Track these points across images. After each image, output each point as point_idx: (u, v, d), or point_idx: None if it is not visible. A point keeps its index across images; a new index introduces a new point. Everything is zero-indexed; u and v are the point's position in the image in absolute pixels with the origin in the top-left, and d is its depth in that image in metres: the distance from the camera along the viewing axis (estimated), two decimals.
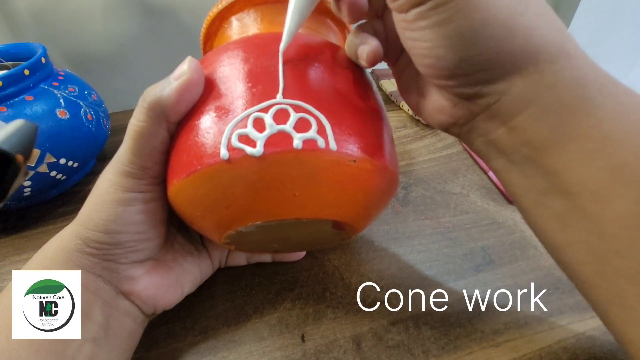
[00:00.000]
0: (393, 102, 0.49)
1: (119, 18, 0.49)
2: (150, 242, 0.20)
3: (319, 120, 0.16)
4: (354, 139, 0.16)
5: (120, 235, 0.18)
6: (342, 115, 0.17)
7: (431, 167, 0.37)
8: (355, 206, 0.18)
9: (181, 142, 0.17)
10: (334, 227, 0.19)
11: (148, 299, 0.20)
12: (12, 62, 0.34)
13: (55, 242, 0.19)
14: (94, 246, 0.18)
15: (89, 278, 0.18)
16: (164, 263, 0.22)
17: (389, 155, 0.18)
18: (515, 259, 0.27)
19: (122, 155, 0.18)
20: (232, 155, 0.15)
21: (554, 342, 0.22)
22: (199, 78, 0.17)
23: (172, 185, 0.17)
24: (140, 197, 0.18)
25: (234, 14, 0.24)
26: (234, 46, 0.19)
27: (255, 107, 0.16)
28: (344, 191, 0.17)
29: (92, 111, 0.33)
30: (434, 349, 0.22)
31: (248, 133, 0.15)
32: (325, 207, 0.17)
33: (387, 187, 0.19)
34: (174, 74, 0.17)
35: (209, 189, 0.16)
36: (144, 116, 0.17)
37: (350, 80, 0.18)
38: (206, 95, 0.17)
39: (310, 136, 0.15)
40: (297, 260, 0.27)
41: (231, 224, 0.18)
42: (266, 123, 0.15)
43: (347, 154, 0.16)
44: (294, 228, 0.19)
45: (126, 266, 0.20)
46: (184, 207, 0.18)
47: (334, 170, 0.16)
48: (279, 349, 0.22)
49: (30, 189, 0.29)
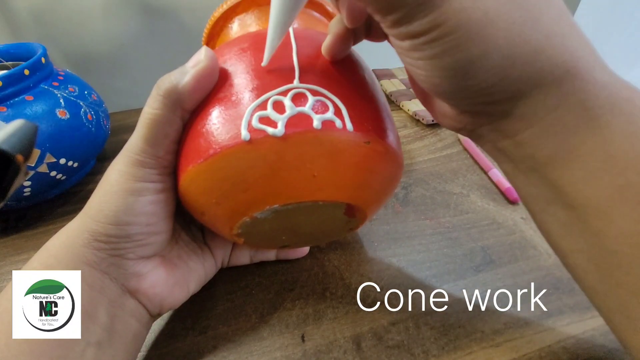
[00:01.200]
0: (393, 102, 0.49)
1: (119, 18, 0.49)
2: (159, 236, 0.20)
3: (335, 103, 0.16)
4: (367, 122, 0.17)
5: (130, 227, 0.18)
6: (355, 100, 0.17)
7: (431, 167, 0.37)
8: (368, 189, 0.19)
9: (197, 128, 0.17)
10: (346, 213, 0.20)
11: (154, 297, 0.20)
12: (12, 62, 0.34)
13: (60, 238, 0.19)
14: (102, 240, 0.18)
15: (95, 276, 0.18)
16: (169, 260, 0.21)
17: (396, 140, 0.19)
18: (515, 259, 0.27)
19: (134, 144, 0.18)
20: (253, 135, 0.15)
21: (554, 342, 0.22)
22: (214, 66, 0.17)
23: (185, 172, 0.17)
24: (152, 187, 0.18)
25: (237, 15, 0.24)
26: (245, 39, 0.19)
27: (274, 90, 0.16)
28: (359, 173, 0.17)
29: (92, 111, 0.33)
30: (434, 349, 0.22)
31: (269, 115, 0.16)
32: (341, 188, 0.18)
33: (395, 171, 0.19)
34: (190, 62, 0.17)
35: (228, 172, 0.16)
36: (159, 104, 0.17)
37: (356, 69, 0.19)
38: (221, 83, 0.17)
39: (329, 117, 0.16)
40: (297, 261, 0.27)
41: (247, 209, 0.18)
42: (286, 105, 0.16)
43: (363, 134, 0.16)
44: (308, 215, 0.19)
45: (133, 262, 0.19)
46: (198, 195, 0.18)
47: (351, 151, 0.17)
48: (279, 349, 0.22)
49: (30, 189, 0.29)
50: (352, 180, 0.17)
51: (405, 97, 0.48)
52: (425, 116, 0.44)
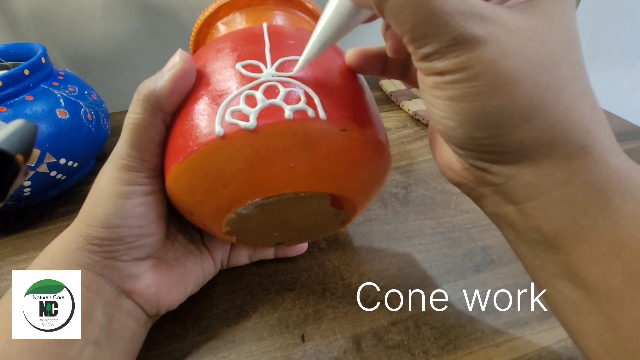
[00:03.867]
0: (393, 102, 0.49)
1: (119, 18, 0.49)
2: (151, 238, 0.20)
3: (307, 93, 0.16)
4: (342, 110, 0.17)
5: (120, 230, 0.19)
6: (329, 89, 0.17)
7: (431, 167, 0.37)
8: (351, 178, 0.19)
9: (177, 129, 0.18)
10: (333, 204, 0.20)
11: (150, 298, 0.20)
12: (12, 62, 0.34)
13: (57, 243, 0.19)
14: (95, 243, 0.18)
15: (91, 277, 0.18)
16: (165, 262, 0.22)
17: (377, 126, 0.19)
18: (515, 259, 0.26)
19: (119, 149, 0.18)
20: (226, 131, 0.16)
21: (554, 342, 0.22)
22: (190, 67, 0.17)
23: (169, 173, 0.18)
24: (140, 189, 0.19)
25: (219, 19, 0.24)
26: (221, 39, 0.20)
27: (246, 85, 0.17)
28: (338, 161, 0.17)
29: (92, 111, 0.33)
30: (434, 349, 0.22)
31: (241, 109, 0.16)
32: (321, 178, 0.18)
33: (380, 159, 0.19)
34: (166, 66, 0.17)
35: (207, 169, 0.17)
36: (139, 108, 0.17)
37: (332, 59, 0.19)
38: (198, 84, 0.18)
39: (300, 107, 0.16)
40: (297, 261, 0.27)
41: (230, 206, 0.18)
42: (257, 98, 0.16)
43: (337, 122, 0.16)
44: (294, 208, 0.19)
45: (127, 264, 0.20)
46: (183, 195, 0.18)
47: (326, 139, 0.17)
48: (279, 349, 0.22)
49: (30, 189, 0.29)
50: (332, 169, 0.17)
51: (405, 97, 0.48)
52: (425, 116, 0.44)
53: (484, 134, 0.13)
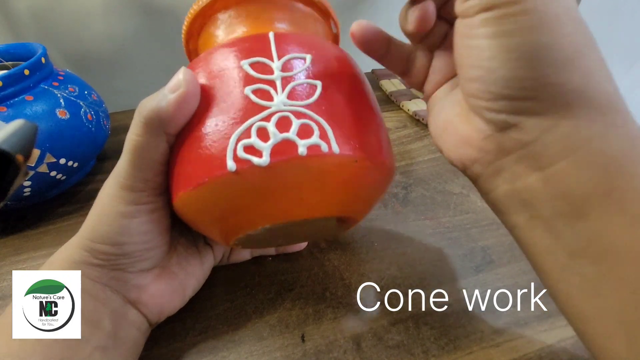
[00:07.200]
0: (393, 102, 0.49)
1: (119, 18, 0.49)
2: (157, 250, 0.20)
3: (320, 125, 0.16)
4: (354, 140, 0.16)
5: (126, 246, 0.19)
6: (341, 118, 0.17)
7: (431, 167, 0.37)
8: (359, 202, 0.19)
9: (184, 153, 0.17)
10: (337, 221, 0.20)
11: (155, 307, 0.21)
12: (12, 62, 0.34)
13: (61, 254, 0.19)
14: (101, 257, 0.19)
15: (98, 288, 0.19)
16: (168, 269, 0.22)
17: (385, 150, 0.19)
18: (515, 259, 0.27)
19: (121, 169, 0.18)
20: (239, 166, 0.15)
21: (554, 342, 0.22)
22: (195, 89, 0.16)
23: (177, 197, 0.17)
24: (144, 208, 0.18)
25: (218, 11, 0.22)
26: (226, 51, 0.18)
27: (257, 116, 0.16)
28: (348, 189, 0.17)
29: (92, 111, 0.33)
30: (434, 349, 0.22)
31: (253, 143, 0.15)
32: (331, 206, 0.18)
33: (385, 180, 0.20)
34: (169, 85, 0.16)
35: (217, 199, 0.17)
36: (141, 130, 0.17)
37: (345, 81, 0.18)
38: (204, 104, 0.17)
39: (314, 142, 0.15)
40: (297, 261, 0.27)
41: (240, 230, 0.18)
42: (270, 132, 0.15)
43: (350, 155, 0.16)
44: (301, 226, 0.19)
45: (134, 275, 0.20)
46: (191, 216, 0.19)
47: (338, 171, 0.16)
48: (279, 349, 0.22)
49: (30, 189, 0.29)
50: (341, 197, 0.18)
51: (405, 97, 0.48)
52: (425, 116, 0.44)
53: (531, 73, 0.13)
